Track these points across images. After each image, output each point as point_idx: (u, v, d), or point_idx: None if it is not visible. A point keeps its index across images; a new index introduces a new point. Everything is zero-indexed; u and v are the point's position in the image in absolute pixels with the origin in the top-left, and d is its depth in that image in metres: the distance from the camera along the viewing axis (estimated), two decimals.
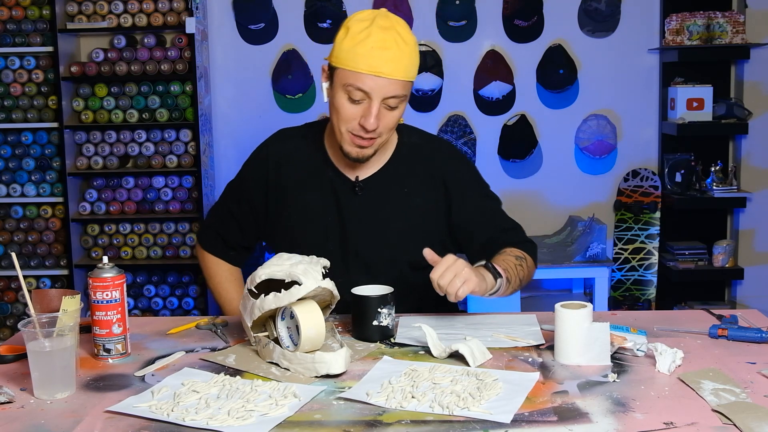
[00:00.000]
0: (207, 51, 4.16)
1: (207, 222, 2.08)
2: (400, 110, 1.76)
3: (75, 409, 1.35)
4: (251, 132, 4.27)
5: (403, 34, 1.70)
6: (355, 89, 1.69)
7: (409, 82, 1.74)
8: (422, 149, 1.92)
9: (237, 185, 1.99)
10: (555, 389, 1.39)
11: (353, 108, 1.72)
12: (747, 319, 1.76)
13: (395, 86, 1.69)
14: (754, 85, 4.14)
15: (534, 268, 1.93)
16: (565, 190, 4.25)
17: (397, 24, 1.72)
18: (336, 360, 1.44)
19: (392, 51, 1.67)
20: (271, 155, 1.94)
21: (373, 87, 1.68)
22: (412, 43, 1.73)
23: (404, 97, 1.74)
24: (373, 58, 1.67)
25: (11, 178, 4.10)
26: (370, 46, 1.67)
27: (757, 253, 4.25)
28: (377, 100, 1.69)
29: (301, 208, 1.88)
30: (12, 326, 4.15)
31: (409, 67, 1.71)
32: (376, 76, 1.67)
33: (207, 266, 2.06)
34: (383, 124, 1.73)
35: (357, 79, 1.69)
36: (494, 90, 4.19)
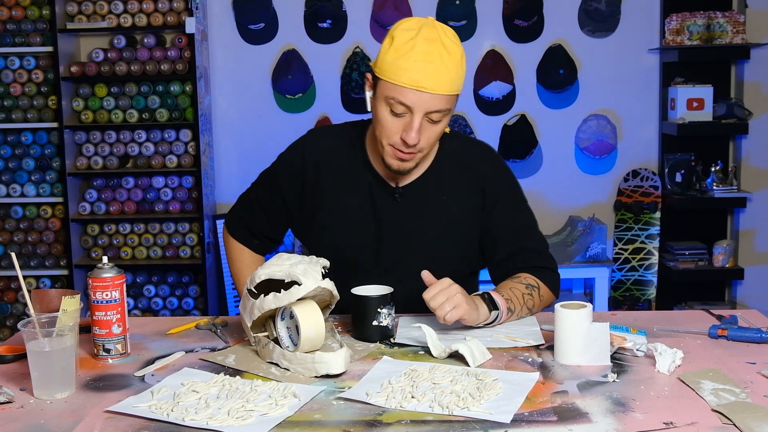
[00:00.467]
0: (207, 51, 4.16)
1: (235, 209, 2.05)
2: (443, 124, 1.72)
3: (75, 409, 1.35)
4: (251, 132, 4.27)
5: (448, 46, 1.66)
6: (397, 103, 1.67)
7: (454, 96, 1.69)
8: (463, 155, 1.89)
9: (271, 177, 1.95)
10: (555, 389, 1.39)
11: (395, 121, 1.69)
12: (747, 319, 1.76)
13: (438, 101, 1.66)
14: (754, 85, 4.14)
15: (550, 297, 1.86)
16: (565, 190, 4.25)
17: (443, 35, 1.67)
18: (336, 360, 1.44)
19: (436, 64, 1.63)
20: (309, 152, 1.89)
21: (416, 101, 1.65)
22: (458, 55, 1.68)
23: (447, 111, 1.69)
24: (416, 71, 1.63)
25: (11, 178, 4.10)
26: (414, 59, 1.63)
27: (757, 253, 4.25)
28: (419, 114, 1.66)
29: (338, 210, 1.86)
30: (12, 326, 4.15)
31: (454, 80, 1.67)
32: (418, 90, 1.64)
33: (230, 250, 2.05)
34: (425, 138, 1.70)
35: (399, 92, 1.66)
36: (494, 90, 4.19)
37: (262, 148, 4.21)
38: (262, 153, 4.24)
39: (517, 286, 1.78)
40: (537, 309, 1.82)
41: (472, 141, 1.98)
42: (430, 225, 1.85)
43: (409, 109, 1.67)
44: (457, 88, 1.69)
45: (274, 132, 4.21)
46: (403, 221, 1.85)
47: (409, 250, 1.85)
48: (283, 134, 4.21)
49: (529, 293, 1.78)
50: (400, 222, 1.85)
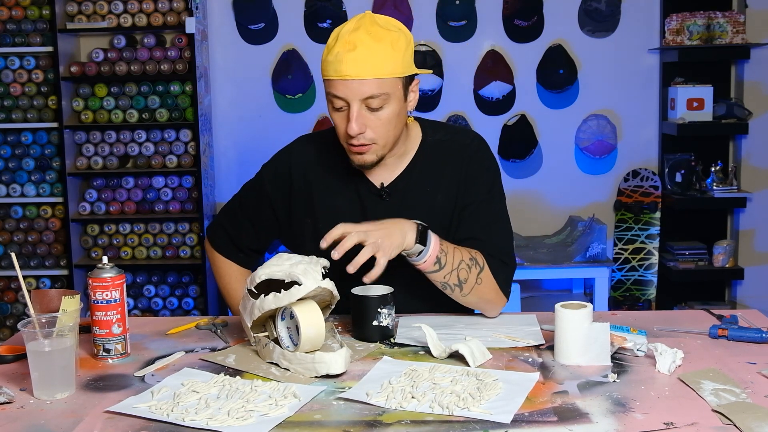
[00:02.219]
0: (207, 51, 4.16)
1: (219, 221, 2.02)
2: (390, 110, 1.68)
3: (75, 409, 1.35)
4: (251, 132, 4.27)
5: (373, 32, 1.65)
6: (333, 97, 1.68)
7: (388, 79, 1.66)
8: (447, 145, 1.86)
9: (257, 188, 1.94)
10: (555, 389, 1.39)
11: (339, 116, 1.70)
12: (747, 319, 1.76)
13: (368, 86, 1.64)
14: (754, 85, 4.14)
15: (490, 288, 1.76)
16: (565, 190, 4.25)
17: (369, 23, 1.66)
18: (336, 360, 1.44)
19: (357, 51, 1.63)
20: (294, 160, 1.89)
21: (345, 91, 1.65)
22: (387, 38, 1.65)
23: (385, 96, 1.66)
24: (339, 62, 1.64)
25: (11, 178, 4.10)
26: (337, 51, 1.65)
27: (757, 253, 4.25)
28: (354, 103, 1.66)
29: (328, 214, 1.84)
30: (12, 326, 4.15)
31: (381, 63, 1.64)
32: (343, 79, 1.65)
33: (216, 264, 2.02)
34: (372, 128, 1.69)
35: (330, 86, 1.67)
36: (494, 90, 4.19)
37: (262, 148, 4.19)
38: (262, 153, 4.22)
39: (461, 250, 1.73)
40: (468, 288, 1.73)
41: (457, 130, 1.95)
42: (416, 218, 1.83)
43: (344, 100, 1.67)
44: (389, 72, 1.65)
45: (274, 132, 4.21)
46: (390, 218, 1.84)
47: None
48: (283, 134, 4.20)
49: (468, 265, 1.72)
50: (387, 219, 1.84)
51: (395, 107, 1.70)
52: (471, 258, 1.73)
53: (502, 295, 1.80)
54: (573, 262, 3.80)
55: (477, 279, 1.73)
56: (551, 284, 4.29)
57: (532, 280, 4.02)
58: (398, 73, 1.68)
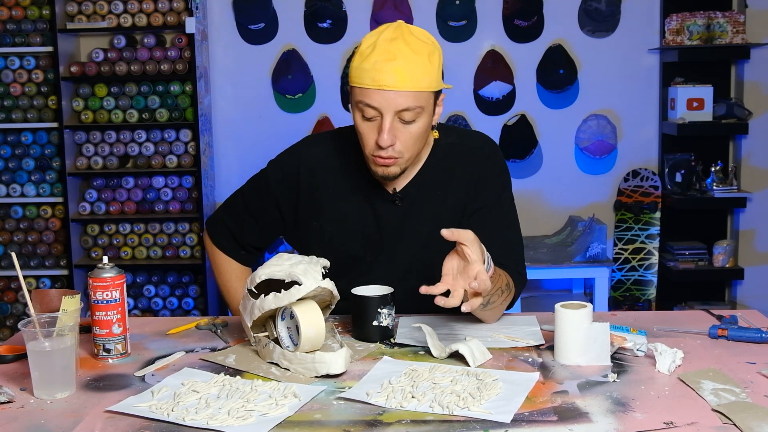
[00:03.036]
0: (207, 51, 4.16)
1: (220, 217, 1.99)
2: (420, 125, 1.66)
3: (75, 409, 1.35)
4: (251, 132, 4.27)
5: (411, 43, 1.62)
6: (365, 106, 1.64)
7: (424, 92, 1.63)
8: (458, 148, 1.85)
9: (263, 186, 1.90)
10: (555, 389, 1.39)
11: (369, 126, 1.66)
12: (747, 319, 1.76)
13: (404, 98, 1.62)
14: (754, 85, 4.14)
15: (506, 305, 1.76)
16: (565, 190, 4.25)
17: (407, 33, 1.64)
18: (336, 360, 1.44)
19: (398, 62, 1.60)
20: (303, 161, 1.86)
21: (381, 102, 1.62)
22: (424, 51, 1.62)
23: (420, 110, 1.63)
24: (377, 71, 1.60)
25: (11, 178, 4.10)
26: (375, 59, 1.61)
27: (757, 253, 4.25)
28: (388, 114, 1.62)
29: (338, 218, 1.84)
30: (12, 326, 4.16)
31: (419, 76, 1.61)
32: (380, 89, 1.61)
33: (216, 261, 2.00)
34: (402, 141, 1.66)
35: (365, 95, 1.63)
36: (494, 90, 4.19)
37: (262, 148, 4.21)
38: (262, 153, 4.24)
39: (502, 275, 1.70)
40: (490, 308, 1.69)
41: (468, 133, 1.93)
42: (428, 224, 1.81)
43: (377, 110, 1.63)
44: (425, 85, 1.63)
45: (274, 132, 4.22)
46: (402, 223, 1.83)
47: (410, 252, 1.84)
48: (283, 134, 4.23)
49: (502, 290, 1.70)
50: (399, 224, 1.83)
51: (426, 121, 1.68)
52: (507, 284, 1.71)
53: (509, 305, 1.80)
54: (573, 262, 3.80)
55: (502, 302, 1.72)
56: (551, 284, 4.29)
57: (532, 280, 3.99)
58: (433, 87, 1.65)
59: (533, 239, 4.10)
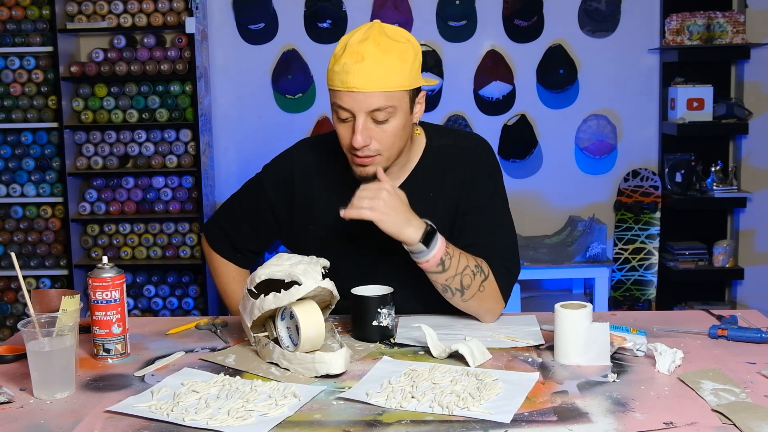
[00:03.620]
0: (207, 51, 4.16)
1: (217, 221, 2.01)
2: (396, 123, 1.66)
3: (75, 409, 1.35)
4: (251, 132, 4.27)
5: (382, 44, 1.62)
6: (338, 108, 1.66)
7: (396, 92, 1.63)
8: (450, 150, 1.85)
9: (257, 190, 1.92)
10: (555, 389, 1.39)
11: (344, 127, 1.68)
12: (747, 319, 1.76)
13: (375, 99, 1.62)
14: (754, 85, 4.14)
15: (493, 297, 1.76)
16: (565, 190, 4.25)
17: (378, 34, 1.63)
18: (336, 360, 1.44)
19: (365, 63, 1.61)
20: (297, 167, 1.88)
21: (351, 103, 1.63)
22: (395, 50, 1.62)
23: (392, 109, 1.64)
24: (346, 73, 1.61)
25: (11, 178, 4.10)
26: (344, 61, 1.62)
27: (757, 253, 4.25)
28: (360, 115, 1.64)
29: (332, 220, 1.83)
30: (12, 326, 4.15)
31: (388, 76, 1.61)
32: (349, 91, 1.62)
33: (214, 265, 2.01)
34: (378, 140, 1.67)
35: (336, 97, 1.65)
36: (494, 90, 4.19)
37: (262, 148, 4.21)
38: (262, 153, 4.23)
39: (468, 256, 1.70)
40: (469, 294, 1.71)
41: (461, 135, 1.93)
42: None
43: (349, 112, 1.65)
44: (395, 84, 1.63)
45: (274, 132, 4.22)
46: None
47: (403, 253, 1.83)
48: (283, 134, 4.23)
49: (473, 272, 1.70)
50: None
51: (401, 120, 1.68)
52: (476, 265, 1.72)
53: (502, 303, 1.80)
54: (573, 262, 3.80)
55: (480, 287, 1.72)
56: (551, 284, 4.29)
57: (532, 280, 4.02)
58: (405, 86, 1.65)
59: (533, 239, 4.10)
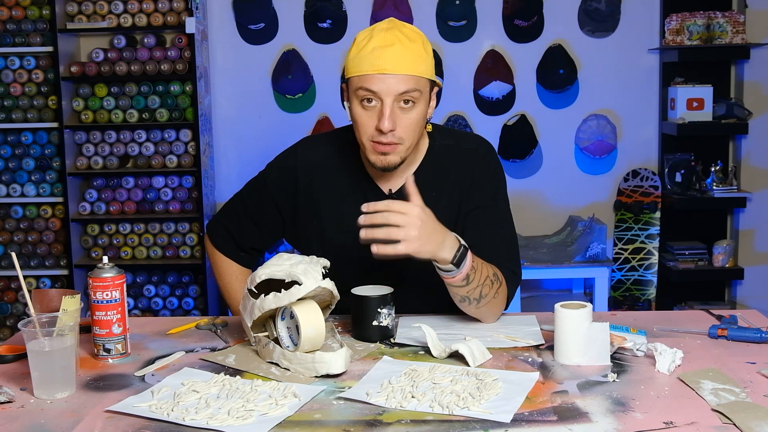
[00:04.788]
0: (207, 51, 4.16)
1: (220, 220, 2.01)
2: (419, 111, 1.69)
3: (75, 408, 1.35)
4: (251, 132, 4.27)
5: (406, 32, 1.68)
6: (365, 91, 1.67)
7: (422, 78, 1.68)
8: (453, 150, 1.86)
9: (261, 188, 1.92)
10: (555, 389, 1.39)
11: (368, 114, 1.69)
12: (747, 319, 1.76)
13: (404, 82, 1.65)
14: (754, 85, 4.14)
15: (502, 302, 1.77)
16: (565, 190, 4.25)
17: (401, 25, 1.70)
18: (336, 360, 1.44)
19: (395, 47, 1.66)
20: (300, 163, 1.88)
21: (381, 86, 1.65)
22: (419, 40, 1.69)
23: (419, 94, 1.67)
24: (376, 57, 1.65)
25: (11, 178, 4.10)
26: (372, 46, 1.67)
27: (757, 253, 4.25)
28: (388, 99, 1.66)
29: (336, 218, 1.85)
30: (12, 326, 4.15)
31: (416, 61, 1.66)
32: (381, 74, 1.65)
33: (217, 263, 2.01)
34: (402, 127, 1.68)
35: (364, 81, 1.67)
36: (494, 90, 4.19)
37: (262, 148, 4.21)
38: (262, 153, 4.24)
39: (487, 266, 1.70)
40: (484, 302, 1.71)
41: (465, 136, 1.95)
42: None
43: (377, 95, 1.67)
44: (422, 70, 1.68)
45: (274, 132, 4.22)
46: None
47: None
48: (283, 134, 4.23)
49: (491, 281, 1.70)
50: None
51: (422, 109, 1.71)
52: (494, 274, 1.72)
53: (505, 305, 1.80)
54: (573, 262, 3.80)
55: (495, 294, 1.72)
56: (551, 284, 4.29)
57: (532, 280, 4.02)
58: (429, 74, 1.70)
59: (533, 239, 4.10)
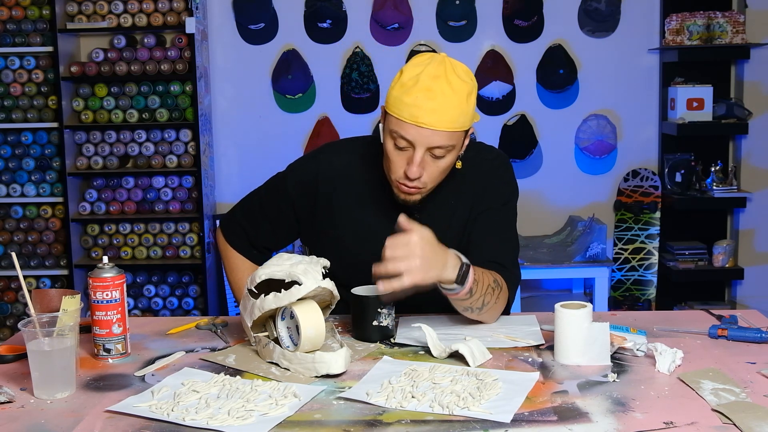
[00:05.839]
0: (207, 51, 4.16)
1: (235, 216, 2.01)
2: (448, 160, 1.70)
3: (75, 408, 1.35)
4: (251, 132, 4.27)
5: (453, 83, 1.64)
6: (399, 137, 1.67)
7: (457, 132, 1.67)
8: (471, 160, 1.87)
9: (280, 191, 1.92)
10: (555, 389, 1.39)
11: (399, 155, 1.69)
12: (747, 319, 1.76)
13: (439, 137, 1.65)
14: (754, 85, 4.14)
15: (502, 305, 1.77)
16: (565, 190, 4.25)
17: (450, 72, 1.65)
18: (336, 360, 1.44)
19: (437, 101, 1.63)
20: (323, 172, 1.88)
21: (416, 137, 1.65)
22: (463, 92, 1.65)
23: (451, 147, 1.67)
24: (417, 108, 1.63)
25: (11, 178, 4.10)
26: (416, 95, 1.63)
27: (757, 253, 4.25)
28: (420, 149, 1.66)
29: (356, 227, 1.85)
30: (12, 326, 4.15)
31: (456, 118, 1.64)
32: (418, 126, 1.64)
33: (229, 259, 2.01)
34: (428, 173, 1.69)
35: (401, 127, 1.66)
36: (494, 90, 4.19)
37: (262, 148, 4.21)
38: (262, 153, 4.25)
39: (487, 274, 1.71)
40: (486, 309, 1.71)
41: (484, 149, 1.97)
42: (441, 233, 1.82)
43: (410, 143, 1.66)
44: (459, 125, 1.66)
45: (274, 132, 4.22)
46: None
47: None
48: (283, 134, 4.24)
49: (492, 288, 1.71)
50: None
51: (453, 157, 1.72)
52: (494, 281, 1.72)
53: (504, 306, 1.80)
54: (573, 262, 3.80)
55: (496, 300, 1.73)
56: (551, 284, 4.29)
57: (532, 280, 4.02)
58: (467, 126, 1.69)
59: (533, 239, 4.10)
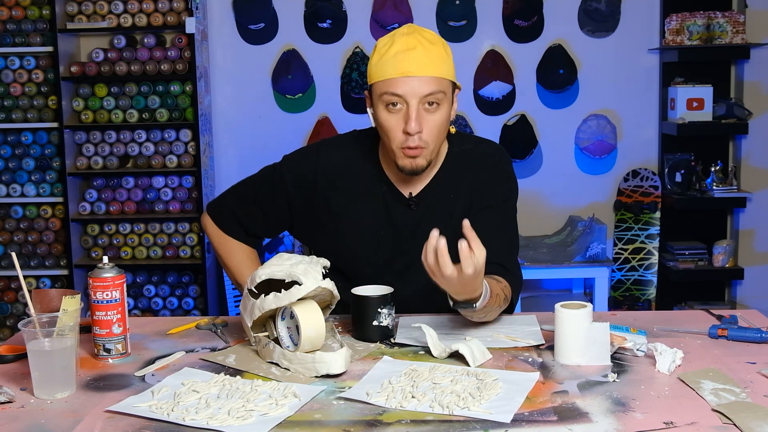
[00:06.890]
0: (207, 51, 4.16)
1: (226, 204, 1.99)
2: (443, 113, 1.72)
3: (75, 408, 1.35)
4: (251, 132, 4.27)
5: (427, 36, 1.72)
6: (390, 95, 1.69)
7: (445, 79, 1.71)
8: (470, 154, 1.89)
9: (276, 182, 1.91)
10: (555, 389, 1.39)
11: (394, 118, 1.71)
12: (747, 319, 1.76)
13: (428, 83, 1.68)
14: (754, 85, 4.14)
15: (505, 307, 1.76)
16: (565, 190, 4.25)
17: (421, 30, 1.74)
18: (336, 360, 1.45)
19: (417, 50, 1.68)
20: (321, 163, 1.88)
21: (406, 89, 1.68)
22: (439, 43, 1.73)
23: (442, 95, 1.70)
24: (399, 60, 1.68)
25: (11, 178, 4.10)
26: (395, 51, 1.69)
27: (757, 253, 4.25)
28: (414, 101, 1.68)
29: (353, 221, 1.86)
30: (12, 326, 4.15)
31: (439, 63, 1.70)
32: (405, 77, 1.68)
33: (223, 244, 1.99)
34: (427, 129, 1.71)
35: (389, 85, 1.69)
36: (494, 90, 4.19)
37: (262, 148, 4.21)
38: (262, 153, 4.24)
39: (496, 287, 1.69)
40: (491, 316, 1.72)
41: (483, 142, 1.97)
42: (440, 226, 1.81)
43: (402, 99, 1.69)
44: (445, 72, 1.71)
45: (274, 132, 4.22)
46: (416, 227, 1.84)
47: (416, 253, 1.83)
48: (283, 134, 4.24)
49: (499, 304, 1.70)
50: (413, 228, 1.84)
51: (446, 111, 1.74)
52: (504, 298, 1.72)
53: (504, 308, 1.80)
54: (573, 262, 3.80)
55: (500, 307, 1.73)
56: (551, 284, 4.29)
57: (532, 280, 4.02)
58: (451, 76, 1.74)
59: (533, 239, 4.10)
